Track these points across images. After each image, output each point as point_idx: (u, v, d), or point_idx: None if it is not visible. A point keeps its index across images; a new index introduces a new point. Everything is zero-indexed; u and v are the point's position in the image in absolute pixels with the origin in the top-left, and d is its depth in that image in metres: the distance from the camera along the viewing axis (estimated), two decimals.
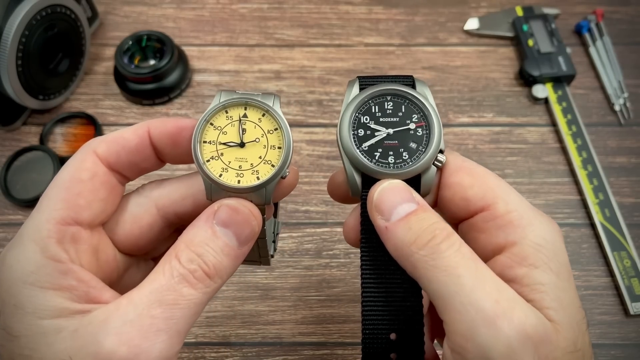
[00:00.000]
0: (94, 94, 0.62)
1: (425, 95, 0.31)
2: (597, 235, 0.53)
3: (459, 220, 0.30)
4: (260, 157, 0.29)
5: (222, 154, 0.29)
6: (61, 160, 0.56)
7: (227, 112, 0.30)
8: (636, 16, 0.68)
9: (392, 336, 0.29)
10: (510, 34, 0.65)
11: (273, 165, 0.29)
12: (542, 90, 0.61)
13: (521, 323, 0.24)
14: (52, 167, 0.55)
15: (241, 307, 0.49)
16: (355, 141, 0.30)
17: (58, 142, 0.59)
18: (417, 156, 0.30)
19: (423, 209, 0.28)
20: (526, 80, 0.62)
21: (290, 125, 0.29)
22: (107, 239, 0.30)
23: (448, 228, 0.27)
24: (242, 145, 0.29)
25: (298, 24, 0.67)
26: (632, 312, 0.49)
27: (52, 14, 0.55)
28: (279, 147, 0.29)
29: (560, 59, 0.61)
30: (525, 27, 0.64)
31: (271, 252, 0.37)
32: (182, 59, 0.62)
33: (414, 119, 0.30)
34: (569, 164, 0.57)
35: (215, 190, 0.29)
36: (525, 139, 0.59)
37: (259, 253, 0.34)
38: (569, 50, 0.62)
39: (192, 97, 0.62)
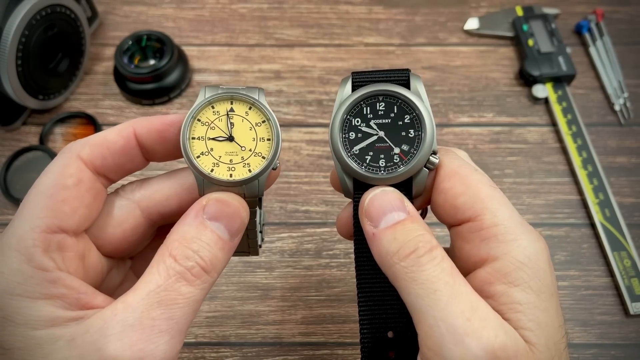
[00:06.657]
0: (93, 94, 0.62)
1: (418, 92, 0.30)
2: (597, 235, 0.53)
3: (449, 225, 0.30)
4: (250, 150, 0.29)
5: (211, 149, 0.29)
6: None
7: (213, 107, 0.29)
8: (636, 16, 0.68)
9: (390, 334, 0.29)
10: (510, 34, 0.65)
11: (264, 157, 0.29)
12: (542, 90, 0.61)
13: (490, 343, 0.24)
14: None
15: (241, 307, 0.49)
16: (346, 145, 0.30)
17: (58, 142, 0.59)
18: (408, 159, 0.29)
19: (412, 219, 0.27)
20: (526, 80, 0.62)
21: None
22: (91, 244, 0.30)
23: (433, 241, 0.27)
24: (231, 139, 0.29)
25: (298, 24, 0.67)
26: (632, 312, 0.49)
27: (52, 13, 0.55)
28: (268, 139, 0.29)
29: (560, 59, 0.61)
30: (525, 27, 0.64)
31: (259, 242, 0.38)
32: (182, 59, 0.62)
33: (406, 120, 0.30)
34: (569, 163, 0.57)
35: (208, 186, 0.29)
36: (525, 139, 0.59)
37: (248, 244, 0.34)
38: (569, 50, 0.62)
39: (192, 97, 0.62)
